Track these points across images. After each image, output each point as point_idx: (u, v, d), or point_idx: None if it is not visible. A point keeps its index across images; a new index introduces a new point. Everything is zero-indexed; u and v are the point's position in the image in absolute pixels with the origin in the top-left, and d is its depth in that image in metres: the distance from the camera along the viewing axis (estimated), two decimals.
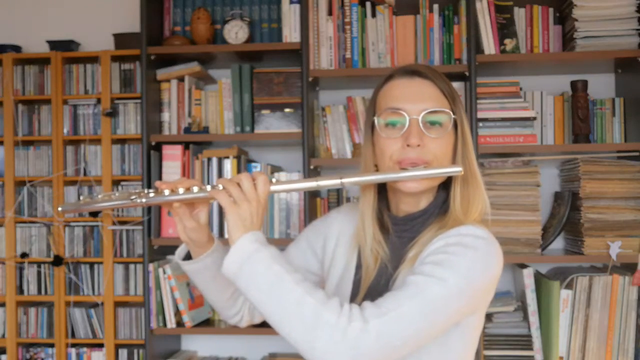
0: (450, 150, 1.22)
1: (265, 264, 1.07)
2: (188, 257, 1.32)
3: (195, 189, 1.17)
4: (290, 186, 1.20)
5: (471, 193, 1.22)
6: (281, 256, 1.11)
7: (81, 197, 1.20)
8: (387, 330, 1.02)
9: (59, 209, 1.20)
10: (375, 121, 1.23)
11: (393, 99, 1.22)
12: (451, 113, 1.21)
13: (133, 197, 1.16)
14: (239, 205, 1.12)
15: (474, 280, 1.10)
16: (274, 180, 1.17)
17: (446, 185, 1.24)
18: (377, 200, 1.28)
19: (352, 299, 1.24)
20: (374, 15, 2.49)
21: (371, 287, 1.23)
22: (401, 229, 1.25)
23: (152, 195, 1.17)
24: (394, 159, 1.19)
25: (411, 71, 1.24)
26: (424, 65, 1.27)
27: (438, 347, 1.14)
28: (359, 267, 1.28)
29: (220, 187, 1.14)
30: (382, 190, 1.29)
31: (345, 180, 1.15)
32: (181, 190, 1.17)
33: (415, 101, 1.20)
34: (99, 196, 1.18)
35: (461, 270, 1.09)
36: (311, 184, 1.17)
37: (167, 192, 1.17)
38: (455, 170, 1.17)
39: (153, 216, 2.49)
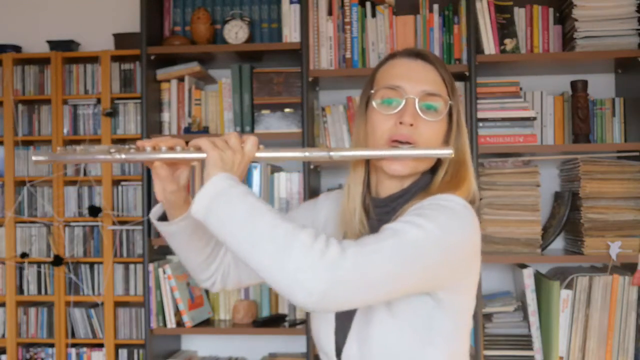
0: (441, 138, 1.20)
1: (240, 197, 1.02)
2: (163, 217, 1.28)
3: (179, 148, 1.12)
4: (277, 154, 1.18)
5: (459, 179, 1.19)
6: (254, 193, 1.06)
7: (58, 148, 1.12)
8: (364, 261, 0.99)
9: (33, 158, 1.11)
10: (372, 95, 1.21)
11: (393, 77, 1.20)
12: (448, 99, 1.20)
13: (112, 150, 1.09)
14: (222, 150, 1.08)
15: (451, 233, 1.07)
16: (261, 147, 1.14)
17: (433, 171, 1.23)
18: (366, 180, 1.25)
19: None
20: (374, 15, 2.49)
21: None
22: (382, 211, 1.22)
23: (132, 151, 1.10)
24: (385, 137, 1.18)
25: (415, 53, 1.23)
26: (428, 51, 1.26)
27: (423, 328, 1.12)
28: None
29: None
30: (366, 173, 1.27)
31: (334, 153, 1.13)
32: (163, 149, 1.11)
33: (415, 81, 1.19)
34: (77, 149, 1.10)
35: (438, 221, 1.06)
36: (299, 154, 1.15)
37: (148, 149, 1.11)
38: (446, 152, 1.15)
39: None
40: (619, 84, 2.59)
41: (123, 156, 1.09)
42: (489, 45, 2.39)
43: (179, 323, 2.50)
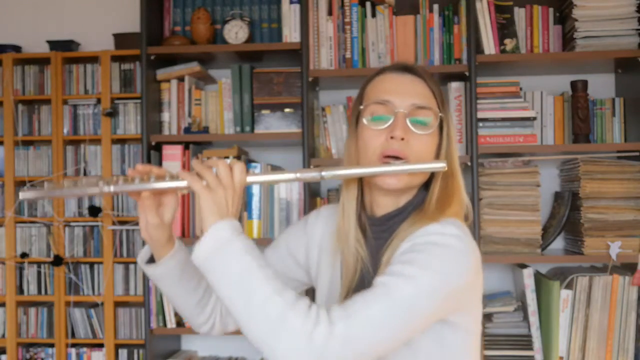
0: (433, 151, 1.20)
1: (237, 255, 1.01)
2: (152, 261, 1.27)
3: (167, 177, 1.10)
4: (268, 177, 1.15)
5: (449, 193, 1.19)
6: (256, 249, 1.04)
7: (45, 184, 1.10)
8: (353, 334, 0.98)
9: (20, 195, 1.10)
10: (361, 112, 1.20)
11: (382, 92, 1.20)
12: (438, 112, 1.19)
13: (101, 183, 1.08)
14: (214, 190, 1.05)
15: (446, 278, 1.06)
16: (251, 171, 1.12)
17: (427, 186, 1.22)
18: (360, 198, 1.24)
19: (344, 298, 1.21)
20: (374, 15, 2.49)
21: (355, 290, 1.18)
22: (379, 230, 1.21)
23: (121, 182, 1.09)
24: (377, 153, 1.16)
25: (403, 67, 1.23)
26: (416, 64, 1.26)
27: (436, 346, 1.12)
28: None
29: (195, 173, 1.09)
30: (359, 190, 1.26)
31: (325, 173, 1.11)
32: (152, 179, 1.10)
33: (404, 95, 1.18)
34: (64, 182, 1.09)
35: (432, 269, 1.05)
36: (289, 176, 1.12)
37: (137, 180, 1.09)
38: (439, 165, 1.14)
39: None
40: (619, 84, 2.59)
41: (112, 188, 1.08)
42: (489, 45, 2.39)
43: (179, 323, 2.50)
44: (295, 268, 1.34)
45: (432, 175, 1.21)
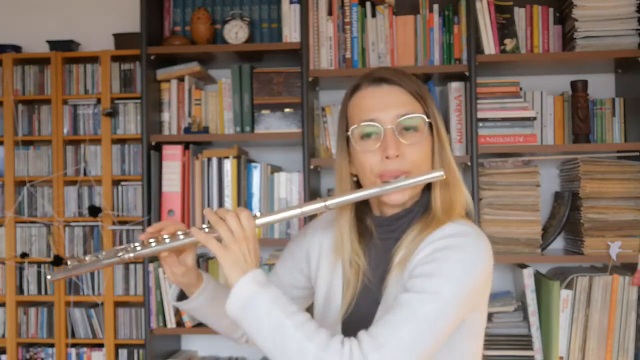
0: (429, 154, 1.21)
1: (264, 309, 1.05)
2: (182, 294, 1.34)
3: (181, 235, 1.17)
4: (275, 217, 1.17)
5: (452, 193, 1.21)
6: (281, 296, 1.08)
7: (69, 262, 1.19)
8: None
9: (48, 277, 1.20)
10: (350, 135, 1.21)
11: (364, 111, 1.20)
12: (424, 117, 1.20)
13: (120, 253, 1.16)
14: (229, 247, 1.10)
15: (468, 283, 1.09)
16: (258, 214, 1.16)
17: (430, 185, 1.24)
18: (354, 212, 1.26)
19: (342, 314, 1.23)
20: (374, 15, 2.49)
21: (362, 296, 1.22)
22: (386, 230, 1.23)
23: (139, 248, 1.17)
24: (375, 173, 1.18)
25: (378, 78, 1.22)
26: (389, 69, 1.25)
27: (444, 348, 1.13)
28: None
29: (206, 228, 1.14)
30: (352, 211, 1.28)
31: (329, 202, 1.14)
32: (167, 239, 1.17)
33: (386, 109, 1.18)
34: (87, 258, 1.17)
35: (453, 277, 1.08)
36: (295, 212, 1.15)
37: (153, 242, 1.17)
38: (437, 175, 1.16)
39: (153, 216, 2.49)
40: (619, 84, 2.59)
41: (132, 255, 1.16)
42: (489, 45, 2.39)
43: (179, 323, 2.50)
44: (299, 276, 1.38)
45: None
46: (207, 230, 1.14)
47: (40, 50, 2.80)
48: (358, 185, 1.26)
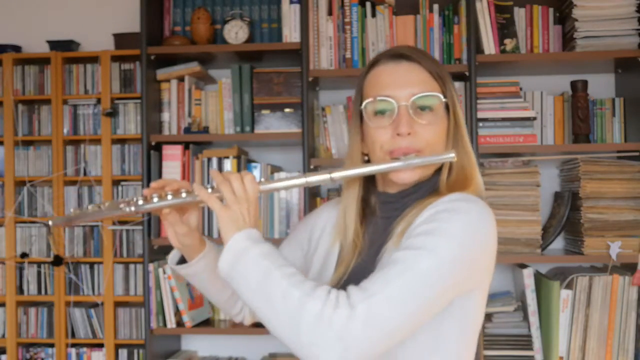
0: (444, 135, 1.17)
1: (254, 262, 1.03)
2: (182, 260, 1.31)
3: (184, 192, 1.14)
4: (279, 184, 1.15)
5: (466, 176, 1.17)
6: (274, 251, 1.06)
7: (71, 209, 1.18)
8: (375, 314, 0.96)
9: (50, 222, 1.18)
10: (363, 110, 1.18)
11: (380, 86, 1.17)
12: (441, 96, 1.16)
13: (122, 205, 1.15)
14: (229, 207, 1.09)
15: (468, 245, 1.04)
16: (263, 179, 1.15)
17: (441, 168, 1.20)
18: (361, 191, 1.23)
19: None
20: (374, 15, 2.49)
21: (355, 270, 1.18)
22: (391, 208, 1.19)
23: (140, 202, 1.15)
24: (385, 149, 1.15)
25: (397, 54, 1.19)
26: (410, 47, 1.22)
27: (428, 333, 1.07)
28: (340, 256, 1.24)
29: (209, 188, 1.12)
30: (360, 189, 1.25)
31: (335, 175, 1.11)
32: (169, 196, 1.14)
33: (403, 86, 1.15)
34: (89, 207, 1.16)
35: (453, 236, 1.03)
36: (300, 181, 1.13)
37: (155, 198, 1.15)
38: (448, 157, 1.12)
39: (153, 216, 2.49)
40: (619, 84, 2.59)
41: (132, 209, 1.14)
42: (489, 45, 2.39)
43: (179, 323, 2.50)
44: (300, 256, 1.35)
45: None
46: (210, 191, 1.12)
47: (40, 50, 2.80)
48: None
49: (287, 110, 2.52)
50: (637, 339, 2.30)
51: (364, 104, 1.18)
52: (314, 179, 1.12)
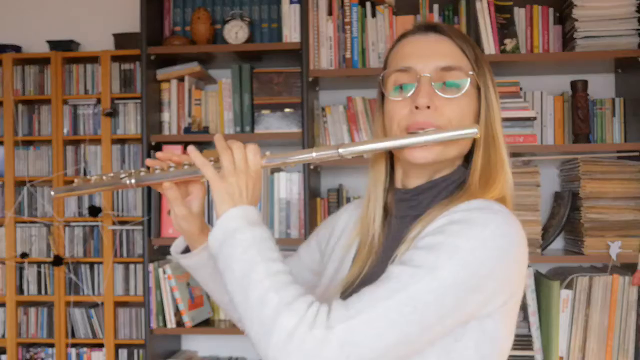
0: (471, 116, 1.04)
1: (242, 247, 0.93)
2: (187, 250, 1.21)
3: (187, 165, 1.05)
4: (284, 159, 1.05)
5: (492, 166, 1.03)
6: (265, 239, 0.95)
7: (75, 180, 1.12)
8: (354, 340, 0.84)
9: (52, 192, 1.12)
10: (381, 83, 1.07)
11: (402, 58, 1.06)
12: (469, 72, 1.03)
13: (123, 176, 1.08)
14: (226, 178, 0.98)
15: (478, 265, 0.88)
16: (267, 153, 1.04)
17: (468, 159, 1.07)
18: (388, 180, 1.11)
19: (341, 293, 1.07)
20: (374, 15, 2.49)
21: (369, 272, 1.05)
22: (406, 206, 1.06)
23: (142, 174, 1.08)
24: (402, 125, 1.02)
25: (425, 26, 1.07)
26: (442, 23, 1.13)
27: (438, 356, 0.92)
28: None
29: (212, 158, 1.02)
30: (392, 167, 1.12)
31: (343, 150, 1.01)
32: (172, 168, 1.06)
33: (427, 57, 1.03)
34: (92, 178, 1.10)
35: (460, 254, 0.88)
36: (307, 156, 1.03)
37: (158, 170, 1.07)
38: (470, 131, 0.99)
39: (153, 216, 2.49)
40: (619, 84, 2.59)
41: (133, 181, 1.08)
42: (489, 45, 2.39)
43: (179, 323, 2.50)
44: (319, 259, 1.24)
45: (473, 148, 1.05)
46: (212, 163, 1.02)
47: (40, 50, 2.80)
48: (393, 160, 1.11)
49: (287, 110, 2.52)
50: (637, 339, 2.30)
51: (382, 74, 1.08)
52: (321, 153, 1.02)
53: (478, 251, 0.89)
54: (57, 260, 2.68)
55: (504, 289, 0.93)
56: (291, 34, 2.50)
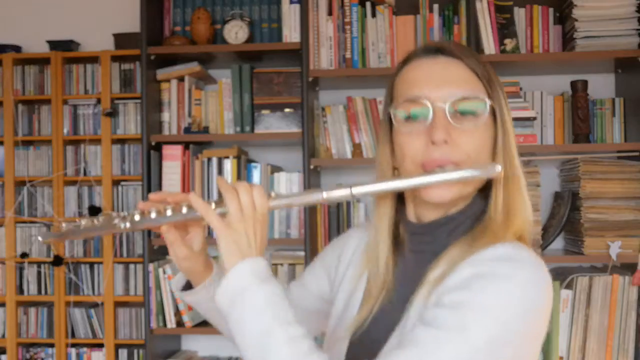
0: (489, 146, 0.97)
1: (256, 310, 0.88)
2: (189, 285, 1.14)
3: (185, 208, 0.97)
4: (293, 200, 0.97)
5: (511, 197, 0.98)
6: (278, 297, 0.90)
7: (63, 225, 1.05)
8: None
9: (40, 238, 1.05)
10: (392, 114, 0.98)
11: (412, 85, 0.97)
12: (487, 99, 0.96)
13: (116, 221, 1.01)
14: (233, 225, 0.91)
15: (509, 321, 0.84)
16: (273, 194, 0.97)
17: (484, 189, 1.00)
18: (394, 215, 1.04)
19: (351, 333, 1.02)
20: (374, 15, 2.49)
21: (380, 313, 1.00)
22: (420, 240, 1.00)
23: (137, 218, 1.00)
24: (417, 161, 0.95)
25: (434, 49, 0.99)
26: (451, 42, 1.03)
27: None
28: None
29: (213, 204, 0.95)
30: (400, 197, 1.05)
31: (356, 190, 0.94)
32: (169, 211, 0.98)
33: (440, 85, 0.95)
34: (82, 222, 1.03)
35: (488, 313, 0.83)
36: (317, 197, 0.96)
37: (153, 214, 0.99)
38: (493, 169, 0.93)
39: None
40: (619, 84, 2.59)
41: (128, 225, 1.00)
42: (489, 45, 2.39)
43: (179, 323, 2.50)
44: (327, 286, 1.17)
45: (490, 179, 0.99)
46: (214, 206, 0.95)
47: (40, 50, 2.80)
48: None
49: (287, 110, 2.52)
50: (637, 339, 2.30)
51: (393, 106, 0.99)
52: (333, 194, 0.95)
53: (507, 309, 0.85)
54: (57, 260, 2.68)
55: (532, 340, 0.89)
56: (291, 34, 2.50)
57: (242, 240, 0.92)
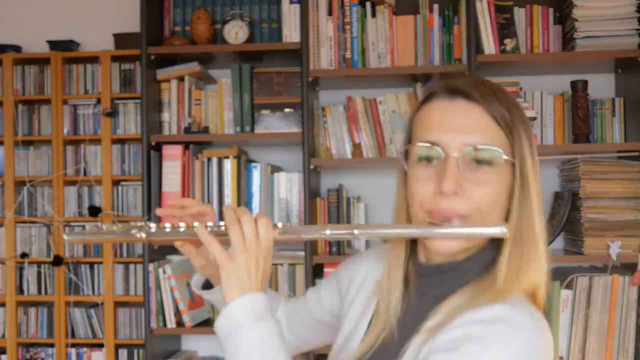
0: (502, 200, 0.93)
1: (247, 348, 0.88)
2: (208, 284, 1.18)
3: (196, 227, 0.99)
4: (298, 233, 0.99)
5: (524, 256, 0.92)
6: (273, 337, 0.90)
7: (87, 226, 1.10)
8: None
9: (65, 237, 1.09)
10: (407, 156, 0.97)
11: (428, 129, 0.95)
12: (503, 153, 0.92)
13: (134, 231, 1.05)
14: (235, 257, 0.91)
15: None
16: (279, 225, 0.96)
17: (497, 241, 0.95)
18: (409, 251, 1.03)
19: None
20: (374, 15, 2.49)
21: (378, 352, 1.00)
22: (426, 282, 0.99)
23: (153, 230, 1.04)
24: (424, 208, 0.93)
25: (454, 89, 0.96)
26: (473, 80, 0.98)
27: None
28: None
29: (222, 226, 0.97)
30: (408, 249, 1.05)
31: (359, 231, 0.95)
32: (182, 228, 1.00)
33: (455, 132, 0.92)
34: (104, 227, 1.07)
35: None
36: (321, 234, 0.97)
37: (168, 228, 1.03)
38: (497, 231, 0.90)
39: (153, 216, 2.49)
40: (619, 84, 2.59)
41: (144, 235, 1.03)
42: (489, 45, 2.39)
43: (179, 323, 2.50)
44: (339, 303, 1.17)
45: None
46: (222, 228, 0.96)
47: (40, 50, 2.80)
48: None
49: (287, 110, 2.52)
50: (637, 339, 2.29)
51: (407, 147, 0.98)
52: (335, 232, 0.96)
53: None
54: (57, 260, 2.68)
55: None
56: (291, 34, 2.50)
57: (243, 273, 0.91)
